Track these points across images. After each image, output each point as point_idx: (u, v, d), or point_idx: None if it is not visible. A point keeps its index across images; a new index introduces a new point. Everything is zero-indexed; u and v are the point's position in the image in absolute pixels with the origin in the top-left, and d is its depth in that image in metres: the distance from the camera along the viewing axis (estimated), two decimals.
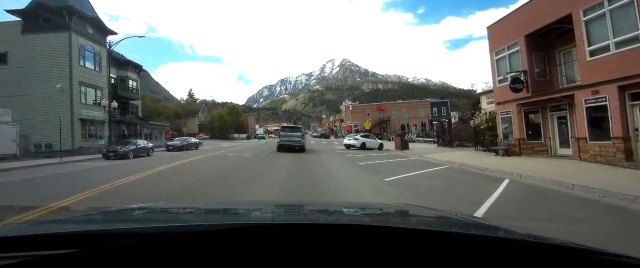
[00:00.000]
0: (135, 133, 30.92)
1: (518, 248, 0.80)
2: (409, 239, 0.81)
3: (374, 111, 66.50)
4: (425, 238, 0.83)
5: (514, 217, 4.94)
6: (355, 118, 66.25)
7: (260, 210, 1.61)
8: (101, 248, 0.74)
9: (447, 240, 0.81)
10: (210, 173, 10.53)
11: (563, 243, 0.81)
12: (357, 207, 1.86)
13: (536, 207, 5.66)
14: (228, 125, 60.07)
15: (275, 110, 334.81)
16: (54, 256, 0.69)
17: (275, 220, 1.28)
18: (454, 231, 1.00)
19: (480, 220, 1.35)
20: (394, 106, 67.50)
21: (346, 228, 0.94)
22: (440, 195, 6.53)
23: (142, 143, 21.44)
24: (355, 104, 71.32)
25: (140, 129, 31.01)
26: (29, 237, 0.81)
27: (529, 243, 0.86)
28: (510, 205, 5.59)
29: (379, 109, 66.40)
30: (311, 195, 6.56)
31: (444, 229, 1.05)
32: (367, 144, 23.46)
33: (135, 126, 30.78)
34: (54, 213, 4.05)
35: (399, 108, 66.57)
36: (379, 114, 65.69)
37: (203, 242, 0.76)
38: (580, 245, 0.77)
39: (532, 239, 0.89)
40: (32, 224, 1.07)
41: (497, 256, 0.74)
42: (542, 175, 8.23)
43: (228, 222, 1.09)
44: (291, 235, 0.81)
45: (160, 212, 1.53)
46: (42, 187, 8.19)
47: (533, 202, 5.99)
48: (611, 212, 5.23)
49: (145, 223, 1.14)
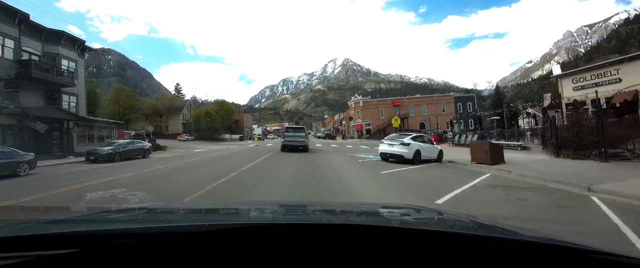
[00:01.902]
0: (61, 133, 20.64)
1: (518, 248, 0.79)
2: (411, 239, 0.80)
3: (388, 107, 55.94)
4: (428, 238, 0.81)
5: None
6: (366, 115, 55.64)
7: (261, 210, 1.57)
8: (101, 249, 0.73)
9: (448, 241, 0.80)
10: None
11: (563, 243, 0.80)
12: (359, 207, 1.83)
13: None
14: (217, 124, 49.66)
15: (276, 110, 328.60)
16: (54, 256, 0.68)
17: (275, 220, 1.24)
18: (455, 231, 0.98)
19: (481, 221, 1.22)
20: (412, 101, 56.88)
21: (347, 228, 0.92)
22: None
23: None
24: (366, 99, 60.54)
25: (67, 127, 20.67)
26: (29, 237, 0.79)
27: (528, 243, 0.84)
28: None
29: (394, 104, 55.80)
30: None
31: (445, 229, 1.03)
32: (423, 152, 13.00)
33: (61, 123, 20.51)
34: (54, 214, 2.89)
35: (417, 103, 55.95)
36: (394, 110, 55.04)
37: (203, 242, 0.75)
38: (580, 245, 0.76)
39: (532, 239, 0.88)
40: (32, 224, 1.05)
41: (496, 256, 0.74)
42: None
43: (228, 222, 1.07)
44: (292, 235, 0.80)
45: (161, 212, 1.48)
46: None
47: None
48: None
49: (145, 223, 1.09)
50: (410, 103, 56.23)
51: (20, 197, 6.39)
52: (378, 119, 54.75)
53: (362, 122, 55.64)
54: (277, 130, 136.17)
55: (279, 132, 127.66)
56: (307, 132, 21.98)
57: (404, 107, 55.30)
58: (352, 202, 5.08)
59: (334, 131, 77.83)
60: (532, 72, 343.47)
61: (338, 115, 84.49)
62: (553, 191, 6.37)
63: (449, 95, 58.07)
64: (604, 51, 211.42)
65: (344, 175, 8.90)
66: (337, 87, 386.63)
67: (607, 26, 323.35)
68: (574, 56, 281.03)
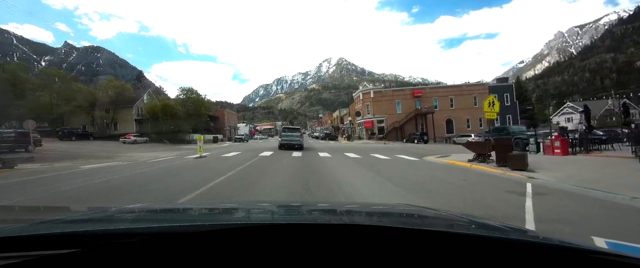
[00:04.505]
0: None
1: (518, 248, 0.77)
2: (411, 239, 0.78)
3: (405, 99, 42.35)
4: (428, 238, 0.80)
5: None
6: (378, 109, 41.90)
7: (261, 210, 1.54)
8: (101, 249, 0.72)
9: (449, 241, 0.79)
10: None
11: (562, 243, 0.79)
12: (357, 207, 1.78)
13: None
14: (180, 121, 35.53)
15: (271, 110, 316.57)
16: (54, 256, 0.67)
17: (275, 220, 1.21)
18: (454, 231, 0.96)
19: (481, 220, 1.20)
20: (436, 92, 43.24)
21: (347, 228, 0.91)
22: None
23: None
24: (378, 88, 46.45)
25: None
26: (29, 237, 0.78)
27: (528, 243, 0.83)
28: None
29: (413, 96, 42.15)
30: None
31: (445, 229, 1.02)
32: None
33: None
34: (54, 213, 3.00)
35: (442, 95, 42.43)
36: (413, 103, 41.55)
37: (203, 242, 0.74)
38: (580, 245, 0.75)
39: (532, 239, 0.85)
40: (32, 224, 1.02)
41: (496, 256, 0.73)
42: None
43: (228, 222, 1.06)
44: (291, 235, 0.79)
45: (161, 212, 1.45)
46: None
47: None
48: None
49: (145, 223, 1.07)
50: (433, 94, 42.65)
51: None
52: (394, 114, 41.12)
53: (373, 118, 41.94)
54: (269, 129, 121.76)
55: (270, 131, 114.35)
56: (302, 132, 22.64)
57: (426, 98, 41.76)
58: (352, 202, 4.63)
59: (333, 131, 64.00)
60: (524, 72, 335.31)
61: (338, 112, 70.58)
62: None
63: (482, 85, 44.67)
64: (599, 50, 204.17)
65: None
66: (332, 86, 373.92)
67: (597, 27, 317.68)
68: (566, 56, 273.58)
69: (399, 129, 39.34)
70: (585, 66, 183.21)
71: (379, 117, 41.57)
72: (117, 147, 26.28)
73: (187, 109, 37.69)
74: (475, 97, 41.70)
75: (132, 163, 11.79)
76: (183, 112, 36.89)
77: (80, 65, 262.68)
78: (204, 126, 44.81)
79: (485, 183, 6.71)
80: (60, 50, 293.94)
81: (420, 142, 32.31)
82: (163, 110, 34.92)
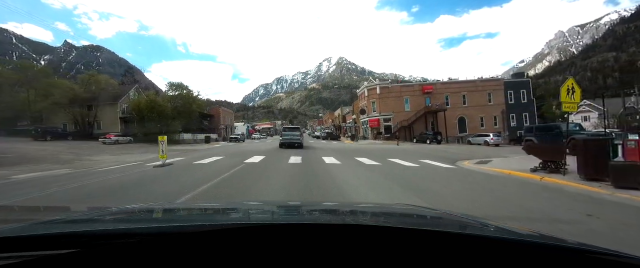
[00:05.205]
0: None
1: (518, 248, 0.76)
2: (411, 239, 0.78)
3: (414, 95, 38.76)
4: (428, 238, 0.80)
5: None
6: (385, 107, 38.31)
7: (262, 210, 1.52)
8: (101, 249, 0.72)
9: (449, 241, 0.79)
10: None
11: (562, 243, 0.78)
12: (358, 207, 1.73)
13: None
14: (169, 119, 31.96)
15: (270, 109, 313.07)
16: (54, 256, 0.67)
17: (275, 220, 1.19)
18: (453, 231, 0.96)
19: (481, 220, 1.17)
20: (448, 88, 39.58)
21: (347, 228, 0.90)
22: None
23: None
24: (385, 83, 42.60)
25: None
26: (29, 237, 0.77)
27: (528, 243, 0.82)
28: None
29: (423, 92, 38.55)
30: None
31: (445, 229, 1.02)
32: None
33: None
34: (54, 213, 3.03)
35: (454, 91, 38.84)
36: (423, 100, 38.00)
37: (203, 241, 0.73)
38: (580, 245, 0.74)
39: (531, 239, 0.85)
40: (32, 224, 1.01)
41: (496, 256, 0.72)
42: None
43: (228, 222, 1.06)
44: (291, 235, 0.79)
45: (161, 212, 1.41)
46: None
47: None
48: None
49: (145, 223, 1.06)
50: (445, 90, 39.02)
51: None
52: (402, 112, 37.54)
53: (379, 116, 38.37)
54: (268, 128, 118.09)
55: (269, 131, 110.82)
56: (301, 131, 23.31)
57: (437, 95, 38.19)
58: (352, 202, 4.50)
59: (335, 130, 60.45)
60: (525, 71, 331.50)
61: (340, 110, 66.93)
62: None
63: (497, 80, 41.09)
64: (601, 49, 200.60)
65: None
66: (332, 86, 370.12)
67: (598, 26, 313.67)
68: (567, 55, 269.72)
69: (408, 128, 35.77)
70: (587, 65, 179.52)
71: (385, 115, 38.00)
72: (90, 149, 22.68)
73: (176, 106, 34.12)
74: (489, 93, 38.18)
75: (72, 172, 8.27)
76: (172, 110, 33.31)
77: (80, 64, 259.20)
78: (197, 125, 41.29)
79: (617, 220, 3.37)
80: (59, 49, 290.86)
81: (433, 142, 28.76)
82: (149, 108, 31.33)
